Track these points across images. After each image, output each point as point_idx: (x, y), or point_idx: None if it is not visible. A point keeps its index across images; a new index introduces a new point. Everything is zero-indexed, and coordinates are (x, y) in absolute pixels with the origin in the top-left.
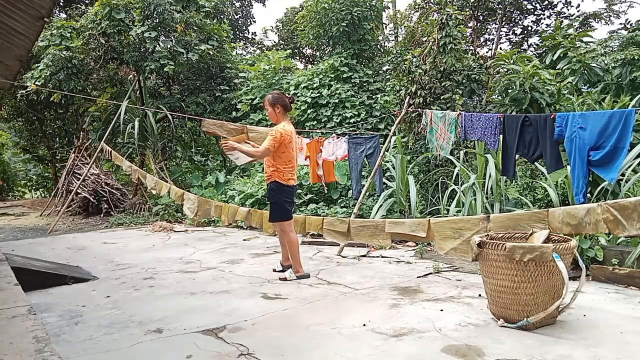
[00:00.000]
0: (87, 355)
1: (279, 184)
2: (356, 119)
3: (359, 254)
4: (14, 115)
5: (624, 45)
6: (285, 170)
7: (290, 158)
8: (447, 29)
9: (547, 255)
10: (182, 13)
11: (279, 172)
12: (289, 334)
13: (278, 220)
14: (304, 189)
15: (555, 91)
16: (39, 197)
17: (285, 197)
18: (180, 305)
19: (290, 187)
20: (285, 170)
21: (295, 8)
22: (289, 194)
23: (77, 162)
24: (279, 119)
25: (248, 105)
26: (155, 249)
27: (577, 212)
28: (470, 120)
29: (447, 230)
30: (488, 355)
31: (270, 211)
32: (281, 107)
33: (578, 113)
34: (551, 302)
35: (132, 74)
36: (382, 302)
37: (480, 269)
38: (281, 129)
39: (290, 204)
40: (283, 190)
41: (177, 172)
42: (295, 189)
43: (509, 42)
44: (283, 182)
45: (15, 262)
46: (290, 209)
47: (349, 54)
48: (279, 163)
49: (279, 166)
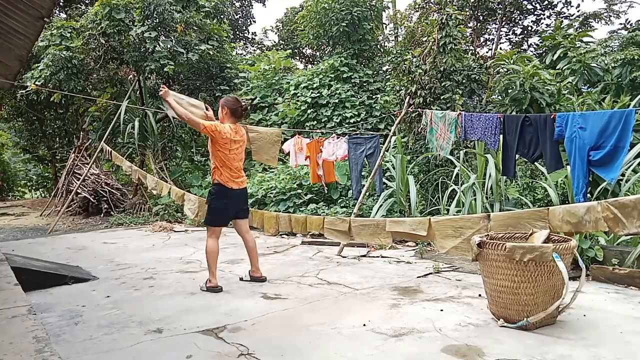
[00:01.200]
0: (87, 355)
1: (217, 185)
2: (356, 119)
3: (359, 254)
4: (14, 115)
5: (624, 45)
6: (223, 170)
7: (225, 162)
8: (447, 29)
9: (547, 255)
10: (182, 13)
11: (218, 171)
12: (289, 334)
13: (209, 223)
14: (304, 189)
15: (555, 91)
16: (39, 197)
17: (222, 200)
18: (180, 305)
19: (230, 190)
20: (224, 171)
21: (295, 8)
22: (228, 198)
23: (77, 162)
24: (223, 120)
25: (248, 105)
26: (155, 249)
27: (577, 211)
28: (470, 120)
29: (448, 229)
30: (488, 355)
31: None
32: (228, 110)
33: (578, 113)
34: (551, 302)
35: (132, 74)
36: (382, 302)
37: (480, 269)
38: (220, 125)
39: (227, 210)
40: (222, 192)
41: (177, 172)
42: (240, 193)
43: (509, 42)
44: (221, 182)
45: (15, 262)
46: (225, 216)
47: (349, 54)
48: (217, 161)
49: (218, 165)
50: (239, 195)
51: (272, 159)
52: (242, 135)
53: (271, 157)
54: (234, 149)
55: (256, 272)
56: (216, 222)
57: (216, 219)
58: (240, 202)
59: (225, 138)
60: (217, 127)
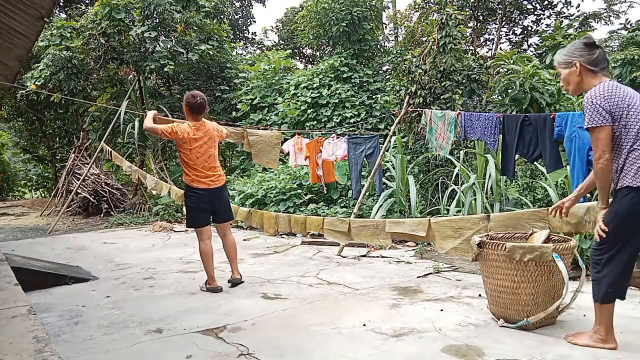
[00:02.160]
0: (87, 355)
1: (186, 186)
2: (356, 119)
3: (359, 254)
4: (14, 115)
5: (624, 45)
6: (188, 170)
7: (187, 162)
8: (447, 29)
9: (547, 256)
10: (182, 13)
11: (184, 172)
12: (289, 334)
13: (188, 226)
14: (304, 189)
15: (555, 91)
16: (39, 197)
17: (191, 202)
18: (180, 305)
19: (196, 190)
20: (188, 171)
21: (295, 8)
22: (196, 199)
23: (77, 162)
24: (186, 117)
25: (248, 105)
26: (155, 249)
27: (577, 211)
28: (469, 120)
29: (448, 229)
30: (488, 355)
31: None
32: (186, 106)
33: (578, 113)
34: (551, 302)
35: (132, 74)
36: (382, 302)
37: (480, 269)
38: (177, 126)
39: (199, 210)
40: (189, 193)
41: (177, 172)
42: (212, 194)
43: (509, 42)
44: (187, 182)
45: (15, 262)
46: (200, 216)
47: (349, 54)
48: (181, 162)
49: (182, 165)
50: (212, 195)
51: (272, 161)
52: (206, 132)
53: (271, 159)
54: (195, 147)
55: (235, 274)
56: (193, 223)
57: (191, 221)
58: (215, 202)
59: (182, 137)
60: (173, 128)
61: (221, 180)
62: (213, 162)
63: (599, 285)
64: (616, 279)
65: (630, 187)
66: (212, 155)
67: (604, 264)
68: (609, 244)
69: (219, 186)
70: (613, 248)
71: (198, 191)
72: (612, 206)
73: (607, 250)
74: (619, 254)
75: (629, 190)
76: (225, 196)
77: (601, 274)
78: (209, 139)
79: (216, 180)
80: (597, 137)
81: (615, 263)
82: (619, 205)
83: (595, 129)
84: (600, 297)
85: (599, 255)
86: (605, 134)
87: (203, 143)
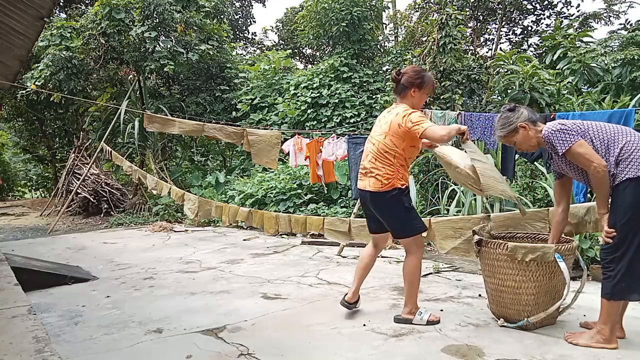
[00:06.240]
0: (87, 355)
1: (397, 189)
2: (356, 119)
3: (359, 254)
4: (14, 115)
5: (623, 45)
6: (404, 171)
7: (408, 158)
8: (447, 29)
9: (549, 256)
10: (182, 13)
11: (397, 173)
12: (289, 334)
13: (415, 231)
14: (304, 189)
15: (555, 91)
16: (39, 197)
17: (407, 202)
18: (180, 305)
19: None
20: (404, 172)
21: (295, 8)
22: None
23: (77, 162)
24: (419, 102)
25: (248, 105)
26: (155, 249)
27: (578, 211)
28: (469, 120)
29: (448, 229)
30: (488, 355)
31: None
32: (426, 90)
33: (578, 113)
34: (552, 303)
35: (132, 74)
36: (382, 302)
37: (481, 268)
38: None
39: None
40: (405, 193)
41: (177, 172)
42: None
43: (509, 42)
44: (400, 186)
45: (15, 262)
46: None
47: (349, 54)
48: (402, 161)
49: (400, 167)
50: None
51: (271, 161)
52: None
53: (271, 159)
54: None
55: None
56: (419, 222)
57: (417, 220)
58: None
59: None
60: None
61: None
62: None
63: (613, 280)
64: (633, 273)
65: (630, 179)
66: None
67: (617, 261)
68: (620, 240)
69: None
70: (624, 243)
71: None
72: (615, 202)
73: (618, 247)
74: (632, 248)
75: (629, 181)
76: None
77: (614, 271)
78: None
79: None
80: (579, 152)
81: (629, 257)
82: (622, 199)
83: (572, 147)
84: (613, 292)
85: (610, 254)
86: (585, 146)
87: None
